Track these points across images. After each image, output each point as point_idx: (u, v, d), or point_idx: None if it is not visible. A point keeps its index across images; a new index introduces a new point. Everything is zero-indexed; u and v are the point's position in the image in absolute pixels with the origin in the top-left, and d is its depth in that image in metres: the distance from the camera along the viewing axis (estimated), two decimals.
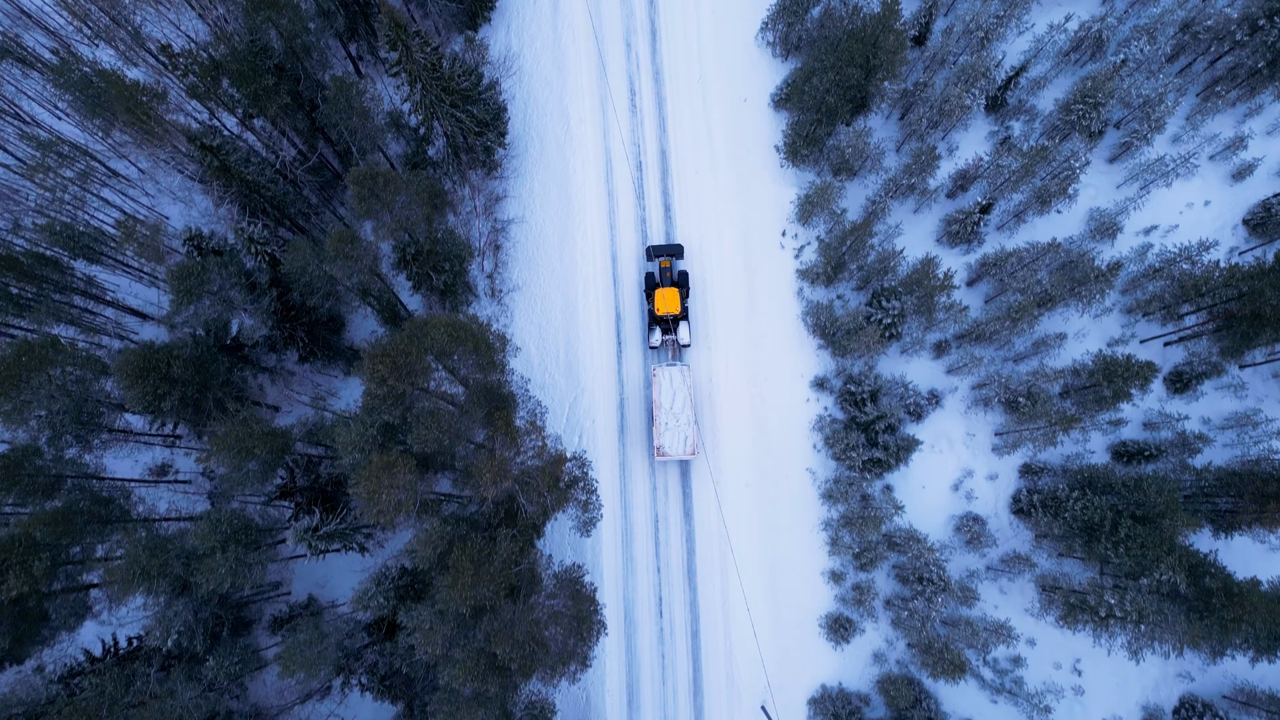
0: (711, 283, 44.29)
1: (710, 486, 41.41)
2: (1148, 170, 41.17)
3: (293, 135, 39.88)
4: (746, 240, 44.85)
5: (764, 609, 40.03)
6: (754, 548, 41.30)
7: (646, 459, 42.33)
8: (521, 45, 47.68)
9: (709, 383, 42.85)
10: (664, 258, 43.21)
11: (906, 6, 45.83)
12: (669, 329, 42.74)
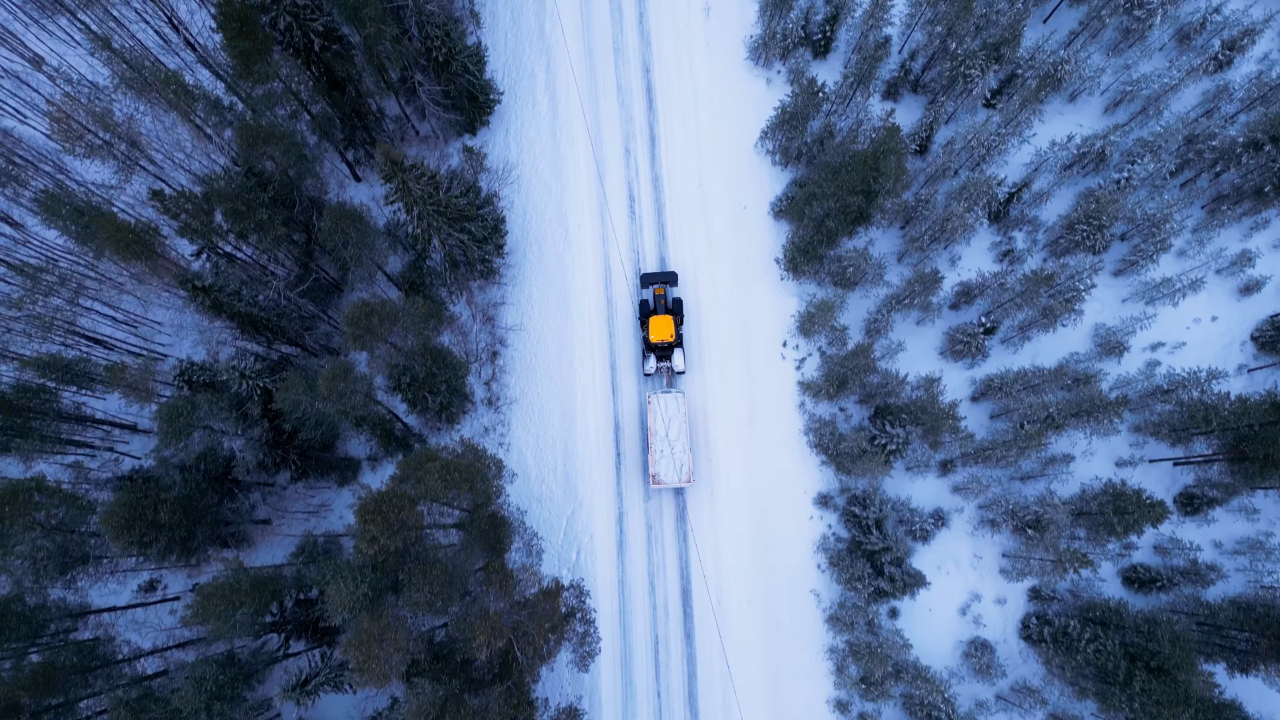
0: (711, 391, 43.61)
1: (711, 603, 40.44)
2: (1155, 290, 40.68)
3: (288, 258, 39.40)
4: (747, 349, 44.22)
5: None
6: (757, 673, 40.20)
7: (646, 579, 41.38)
8: (520, 151, 47.42)
9: (709, 502, 42.01)
10: (658, 285, 43.32)
11: (906, 116, 45.72)
12: (663, 356, 42.74)
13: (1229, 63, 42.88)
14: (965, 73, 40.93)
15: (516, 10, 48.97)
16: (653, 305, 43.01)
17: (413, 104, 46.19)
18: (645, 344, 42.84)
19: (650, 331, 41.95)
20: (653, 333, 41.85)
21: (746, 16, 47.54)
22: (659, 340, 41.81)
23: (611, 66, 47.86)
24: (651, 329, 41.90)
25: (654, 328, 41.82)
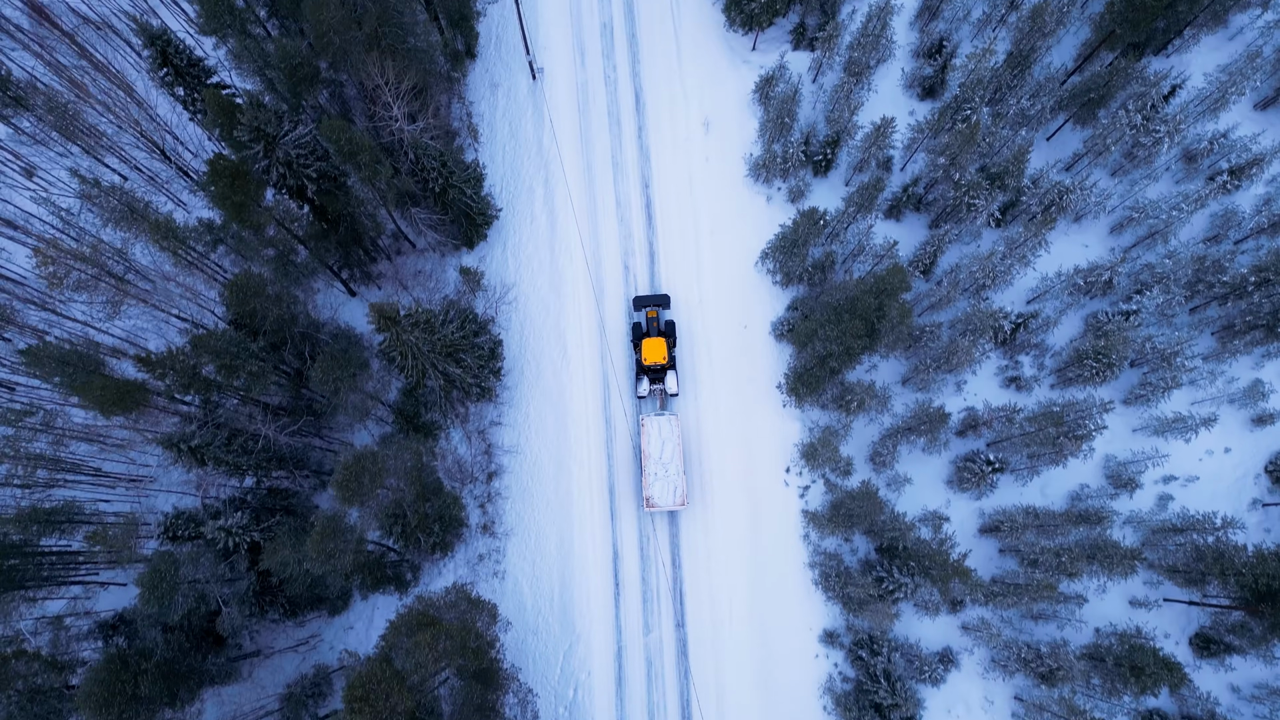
0: (715, 521, 42.49)
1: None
2: (1167, 425, 39.75)
3: (279, 391, 38.52)
4: (749, 474, 43.17)
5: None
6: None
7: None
8: (518, 266, 46.73)
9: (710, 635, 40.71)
10: (650, 308, 43.59)
11: (910, 235, 45.12)
12: (656, 379, 42.99)
13: (1237, 185, 42.31)
14: (970, 201, 40.36)
15: (514, 123, 48.59)
16: (645, 328, 43.43)
17: (408, 219, 45.70)
18: (638, 367, 43.21)
19: (643, 354, 42.31)
20: (646, 355, 42.17)
21: (746, 133, 47.13)
22: (652, 362, 42.14)
23: (610, 181, 47.35)
24: (644, 351, 42.24)
25: (647, 350, 42.20)
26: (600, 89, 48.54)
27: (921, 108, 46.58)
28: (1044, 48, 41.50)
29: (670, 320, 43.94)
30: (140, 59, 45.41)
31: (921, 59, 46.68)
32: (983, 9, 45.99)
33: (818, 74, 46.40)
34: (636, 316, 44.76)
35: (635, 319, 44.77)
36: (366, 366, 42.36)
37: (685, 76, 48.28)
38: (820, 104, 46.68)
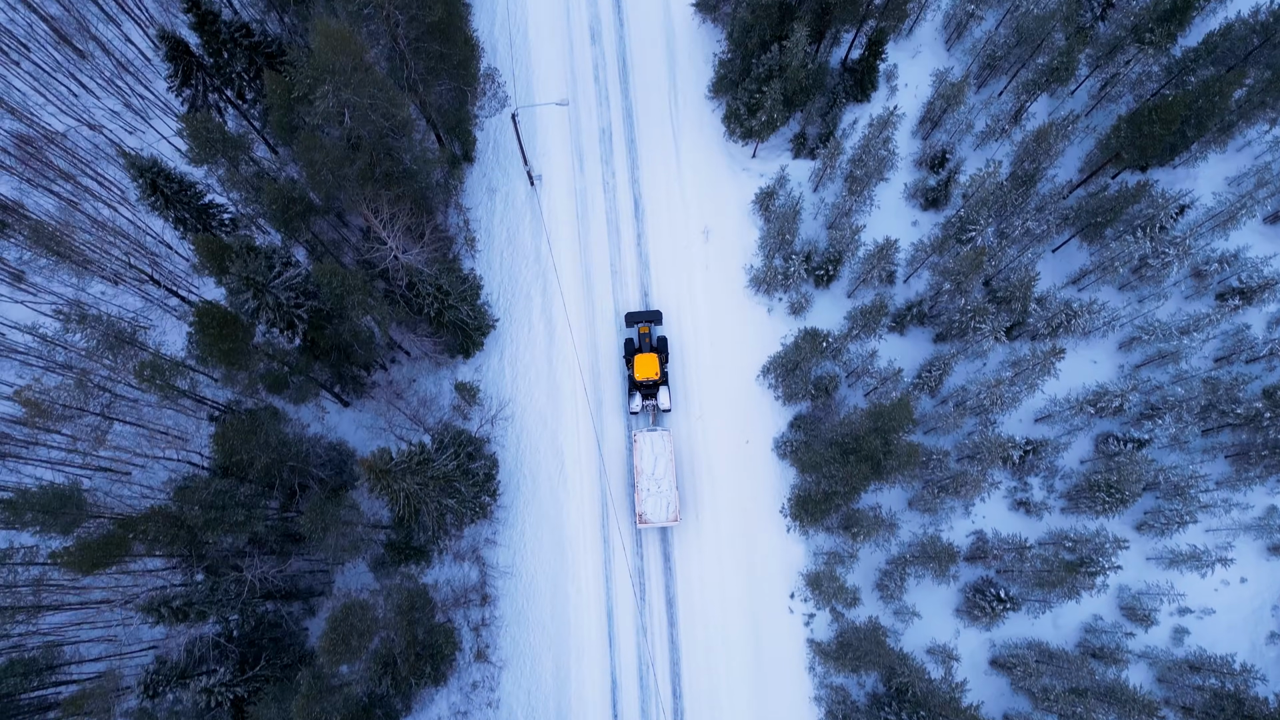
0: (715, 647, 41.19)
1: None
2: (1181, 560, 38.61)
3: (266, 532, 37.37)
4: (752, 598, 41.91)
5: None
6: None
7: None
8: (515, 376, 45.77)
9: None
10: (643, 324, 43.95)
11: (915, 349, 44.25)
12: (649, 394, 43.24)
13: (1250, 302, 41.54)
14: (976, 325, 39.53)
15: (512, 229, 47.88)
16: (638, 344, 43.81)
17: (404, 334, 44.93)
18: (630, 382, 43.49)
19: (635, 370, 42.62)
20: (638, 371, 42.48)
21: (746, 242, 46.41)
22: (644, 378, 42.43)
23: (609, 290, 46.54)
24: (637, 367, 42.53)
25: (639, 366, 42.48)
26: (599, 195, 47.92)
27: (925, 218, 45.93)
28: (1048, 165, 40.89)
29: (662, 336, 44.36)
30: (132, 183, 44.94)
31: (924, 169, 46.11)
32: (985, 121, 45.46)
33: (819, 184, 45.79)
34: (629, 332, 45.08)
35: (628, 335, 45.06)
36: (356, 483, 41.38)
37: (685, 183, 47.68)
38: (822, 214, 46.02)
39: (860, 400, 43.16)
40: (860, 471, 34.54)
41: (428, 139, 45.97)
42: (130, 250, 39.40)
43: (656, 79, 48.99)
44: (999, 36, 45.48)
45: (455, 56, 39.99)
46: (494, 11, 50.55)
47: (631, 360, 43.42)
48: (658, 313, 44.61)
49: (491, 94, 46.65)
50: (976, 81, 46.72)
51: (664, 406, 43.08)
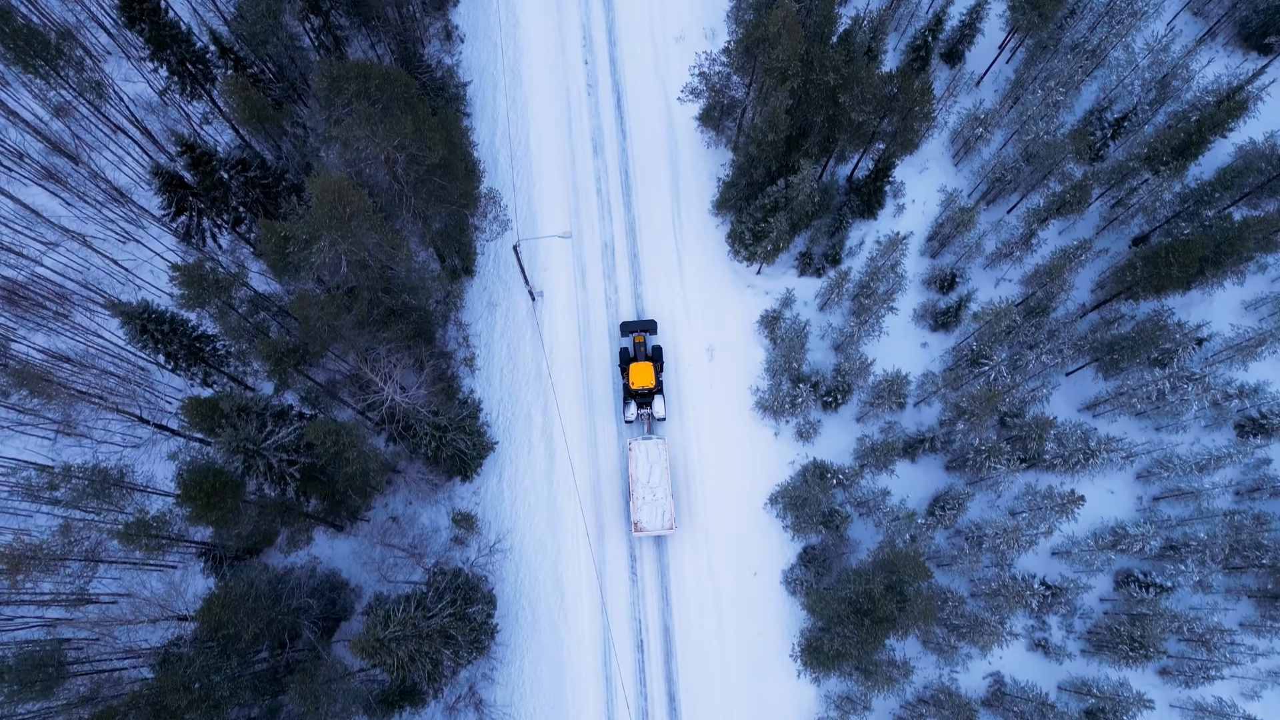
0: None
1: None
2: (1205, 715, 37.00)
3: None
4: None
5: None
6: None
7: None
8: (515, 501, 44.37)
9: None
10: (637, 333, 44.35)
11: (926, 479, 43.01)
12: (644, 403, 43.52)
13: (1271, 436, 40.38)
14: (991, 465, 38.33)
15: (513, 345, 46.84)
16: (633, 353, 44.21)
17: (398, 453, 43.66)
18: (625, 391, 43.91)
19: (631, 378, 42.92)
20: (633, 379, 42.74)
21: (752, 362, 45.31)
22: (640, 386, 42.78)
23: (611, 409, 45.37)
24: (632, 376, 42.81)
25: (634, 374, 42.74)
26: (601, 311, 46.94)
27: (935, 340, 44.94)
28: (1061, 296, 40.00)
29: (657, 345, 44.76)
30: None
31: (934, 289, 45.22)
32: (995, 244, 44.67)
33: (825, 303, 44.85)
34: (624, 342, 45.35)
35: (622, 344, 45.36)
36: (349, 615, 39.82)
37: (689, 299, 46.75)
38: (829, 336, 45.02)
39: (873, 533, 41.81)
40: (875, 634, 33.10)
41: (429, 261, 45.27)
42: (118, 397, 38.29)
43: (659, 192, 48.30)
44: (1007, 156, 44.89)
45: (456, 189, 39.25)
46: (495, 121, 50.00)
47: (626, 369, 43.72)
48: (652, 322, 45.16)
49: (494, 216, 45.87)
50: (986, 200, 45.99)
51: (659, 415, 43.41)
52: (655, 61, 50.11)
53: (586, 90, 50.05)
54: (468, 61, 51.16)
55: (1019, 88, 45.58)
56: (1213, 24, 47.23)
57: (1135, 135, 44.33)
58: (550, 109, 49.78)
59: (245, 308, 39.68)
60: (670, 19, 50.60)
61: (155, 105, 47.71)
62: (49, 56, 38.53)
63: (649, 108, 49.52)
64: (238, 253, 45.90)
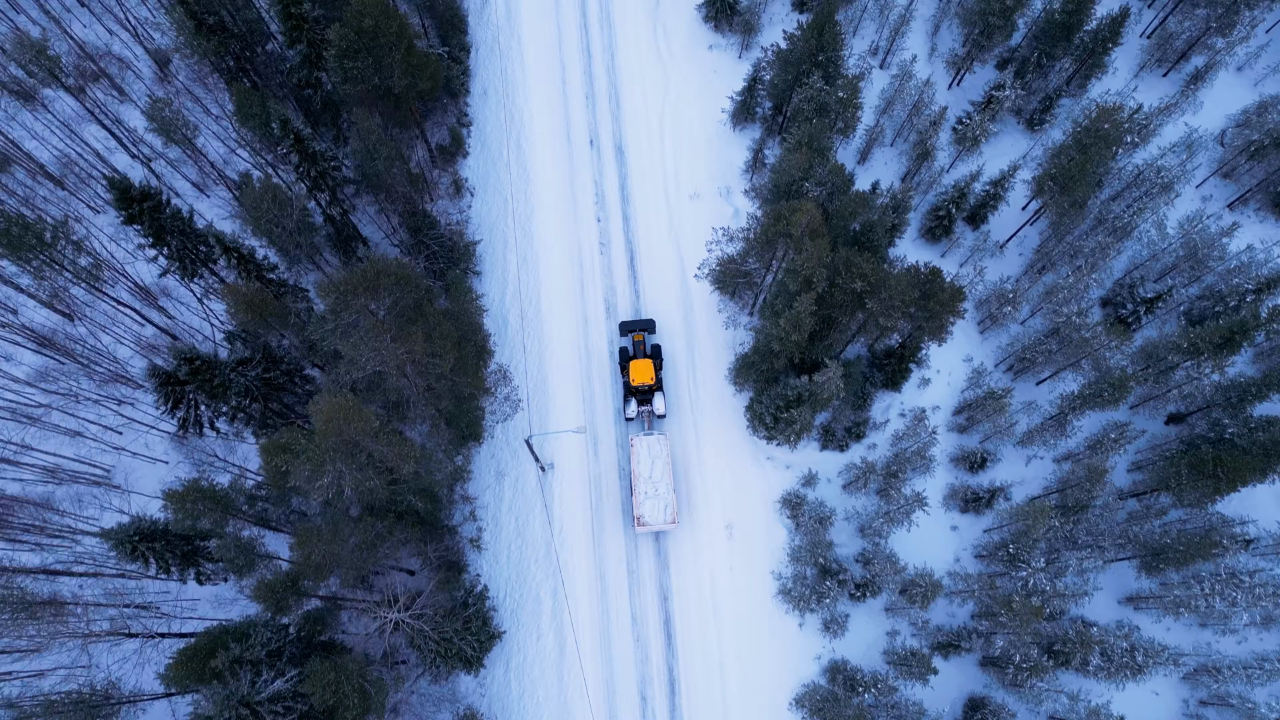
0: None
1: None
2: None
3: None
4: None
5: None
6: None
7: None
8: (522, 693, 41.69)
9: None
10: (636, 331, 45.18)
11: (957, 680, 40.57)
12: (645, 400, 44.14)
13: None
14: (1032, 684, 35.99)
15: (521, 519, 44.71)
16: (633, 351, 44.86)
17: None
18: (626, 389, 44.55)
19: (631, 375, 43.57)
20: (634, 376, 43.43)
21: (773, 544, 43.14)
22: (640, 383, 43.47)
23: (625, 593, 43.02)
24: (632, 373, 43.49)
25: (635, 371, 43.46)
26: (614, 482, 44.94)
27: (965, 521, 42.93)
28: (1098, 497, 38.08)
29: (656, 344, 45.73)
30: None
31: (962, 467, 43.35)
32: (1026, 424, 42.92)
33: (849, 483, 42.91)
34: (623, 341, 46.04)
35: (622, 344, 46.02)
36: None
37: (706, 473, 44.78)
38: (855, 520, 42.99)
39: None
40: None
41: (437, 428, 43.46)
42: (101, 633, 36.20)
43: (673, 358, 46.66)
44: (1035, 327, 43.45)
45: (468, 384, 37.62)
46: (505, 280, 48.63)
47: (626, 367, 44.36)
48: (651, 321, 45.98)
49: (505, 396, 44.21)
50: (1014, 372, 44.41)
51: (659, 412, 44.12)
52: (669, 219, 48.93)
53: (599, 248, 48.77)
54: (478, 216, 50.01)
55: (1043, 257, 44.36)
56: (1245, 191, 46.17)
57: (1169, 307, 42.92)
58: (562, 268, 48.42)
59: (244, 500, 37.80)
60: (684, 176, 49.54)
61: (158, 284, 46.16)
62: (41, 247, 37.24)
63: (663, 267, 48.19)
64: (236, 440, 44.05)
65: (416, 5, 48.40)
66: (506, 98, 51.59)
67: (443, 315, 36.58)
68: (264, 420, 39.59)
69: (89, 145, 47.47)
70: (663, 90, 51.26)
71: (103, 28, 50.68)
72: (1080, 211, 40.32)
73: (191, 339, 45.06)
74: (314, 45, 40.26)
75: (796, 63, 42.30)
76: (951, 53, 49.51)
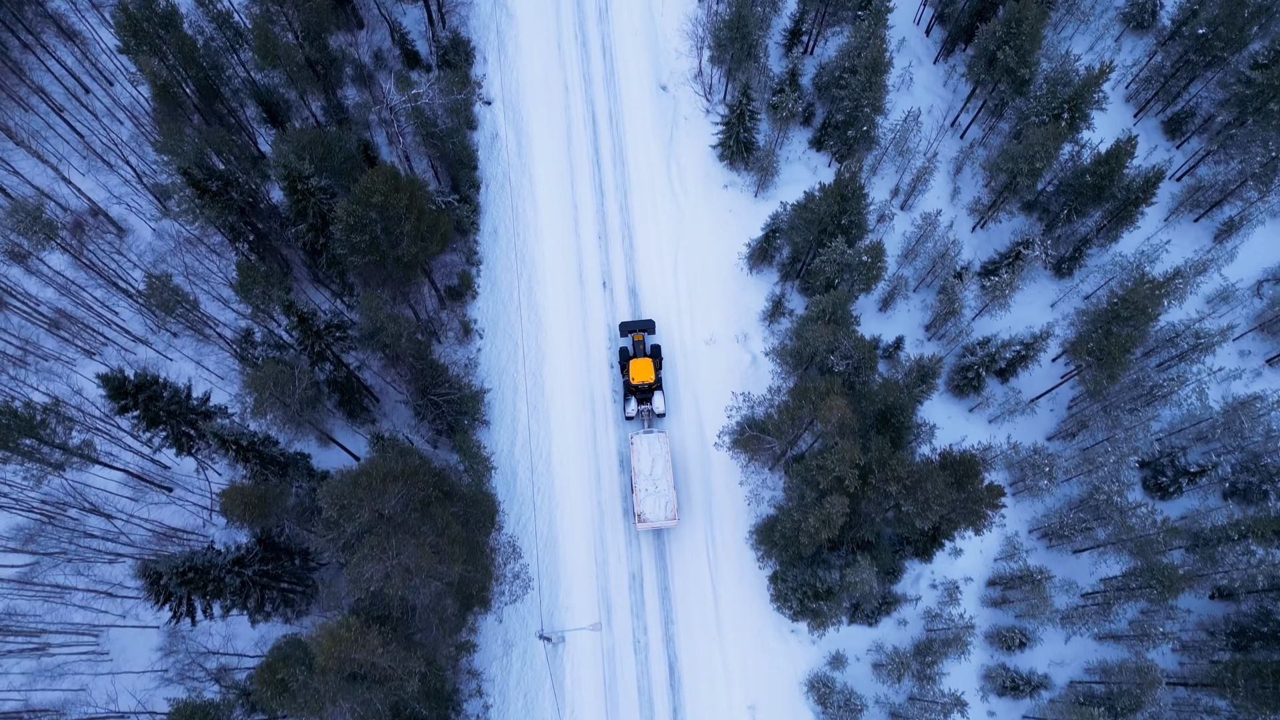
0: None
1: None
2: None
3: None
4: None
5: None
6: None
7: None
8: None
9: None
10: (636, 331, 45.69)
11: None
12: (644, 399, 44.51)
13: None
14: None
15: (530, 696, 42.02)
16: (632, 350, 45.31)
17: None
18: (626, 388, 44.95)
19: (631, 374, 44.03)
20: (634, 375, 43.91)
21: None
22: (640, 382, 43.88)
23: None
24: (633, 371, 43.98)
25: (635, 370, 43.97)
26: (629, 656, 42.47)
27: (1002, 706, 40.46)
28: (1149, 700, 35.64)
29: (656, 344, 46.11)
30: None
31: (997, 645, 40.95)
32: (1065, 602, 40.66)
33: (880, 665, 40.46)
34: (623, 342, 46.48)
35: (622, 344, 46.47)
36: None
37: (726, 645, 42.33)
38: (887, 703, 40.44)
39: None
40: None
41: (440, 603, 41.15)
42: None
43: (691, 517, 44.51)
44: (1070, 490, 41.46)
45: (477, 581, 35.53)
46: (514, 430, 46.66)
47: (626, 366, 44.69)
48: (650, 321, 46.44)
49: (514, 574, 42.09)
50: (1050, 542, 42.28)
51: (659, 410, 44.61)
52: (685, 366, 47.17)
53: (612, 395, 46.97)
54: (487, 360, 48.29)
55: (1077, 421, 42.52)
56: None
57: (1211, 480, 40.96)
58: (575, 417, 46.45)
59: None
60: (700, 320, 47.92)
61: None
62: (29, 432, 35.48)
63: (679, 418, 46.31)
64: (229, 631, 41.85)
65: (425, 150, 47.32)
66: (517, 236, 50.29)
67: (452, 517, 34.57)
68: (260, 605, 37.47)
69: (87, 291, 46.09)
70: (677, 230, 49.92)
71: (103, 176, 49.61)
72: (1113, 382, 38.51)
73: (185, 512, 43.06)
74: (320, 216, 38.90)
75: (818, 223, 40.94)
76: (975, 200, 48.25)
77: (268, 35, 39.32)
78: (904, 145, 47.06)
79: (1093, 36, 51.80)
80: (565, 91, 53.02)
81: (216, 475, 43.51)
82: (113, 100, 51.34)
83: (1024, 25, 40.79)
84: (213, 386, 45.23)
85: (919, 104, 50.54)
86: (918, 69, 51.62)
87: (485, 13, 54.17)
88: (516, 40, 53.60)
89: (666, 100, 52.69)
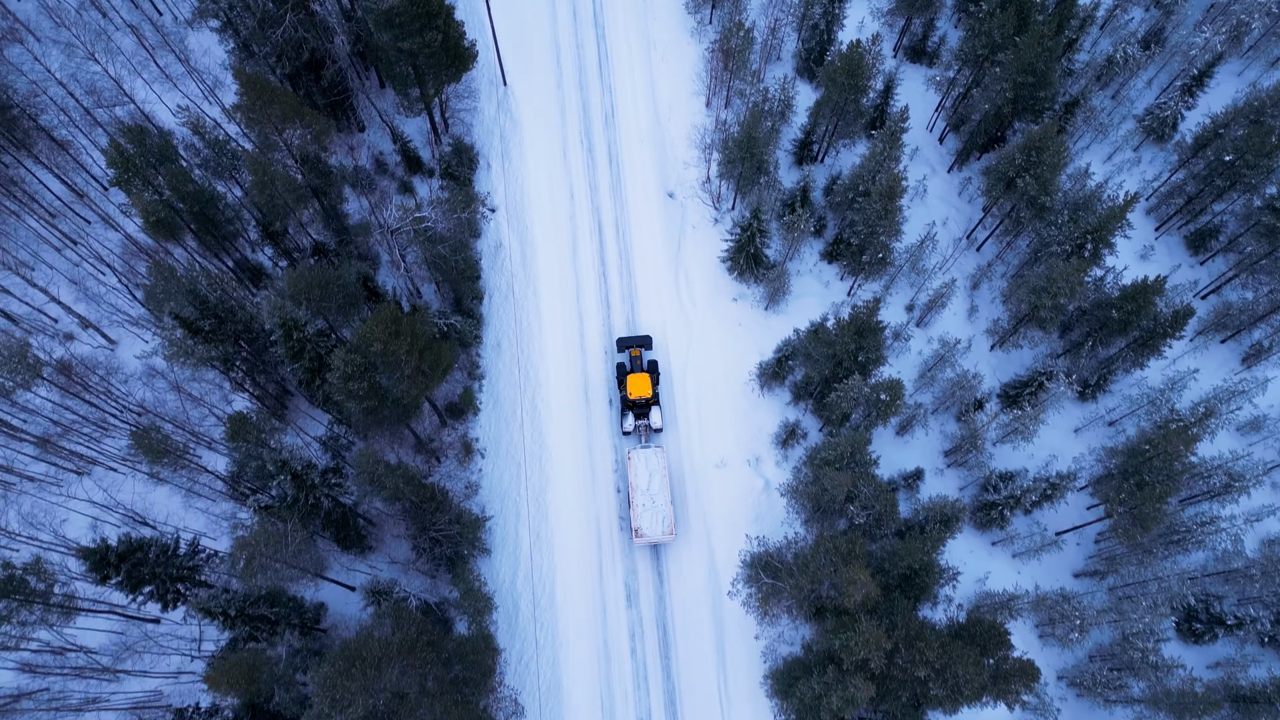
0: None
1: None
2: None
3: None
4: None
5: None
6: None
7: None
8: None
9: None
10: (634, 347, 45.73)
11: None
12: (641, 414, 44.58)
13: None
14: None
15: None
16: (629, 366, 45.36)
17: None
18: (623, 403, 44.96)
19: (629, 389, 44.02)
20: (631, 390, 43.93)
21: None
22: (637, 396, 43.84)
23: None
24: (630, 386, 43.99)
25: (632, 385, 44.01)
26: None
27: None
28: None
29: (653, 360, 45.82)
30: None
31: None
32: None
33: None
34: (620, 357, 46.59)
35: (619, 359, 46.58)
36: None
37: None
38: None
39: None
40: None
41: None
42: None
43: (701, 658, 42.41)
44: (1100, 637, 39.47)
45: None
46: (516, 559, 44.69)
47: (624, 381, 44.65)
48: (648, 337, 46.52)
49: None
50: (1079, 688, 40.16)
51: (656, 425, 44.59)
52: (695, 491, 45.30)
53: (619, 523, 45.07)
54: (488, 482, 46.49)
55: (1108, 562, 40.64)
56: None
57: (1247, 630, 38.98)
58: (580, 549, 44.47)
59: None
60: (710, 442, 46.16)
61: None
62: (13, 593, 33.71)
63: (687, 558, 44.22)
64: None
65: (429, 272, 45.97)
66: (521, 352, 48.73)
67: (450, 684, 32.62)
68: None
69: (74, 412, 44.53)
70: (685, 345, 48.36)
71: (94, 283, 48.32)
72: (1147, 533, 36.74)
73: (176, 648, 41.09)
74: (317, 358, 37.39)
75: (833, 358, 39.43)
76: (994, 322, 46.79)
77: (265, 170, 38.08)
78: (919, 264, 45.70)
79: (1110, 147, 50.70)
80: (570, 199, 51.80)
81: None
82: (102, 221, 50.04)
83: (1044, 155, 39.63)
84: (203, 515, 43.61)
85: (934, 215, 49.46)
86: (932, 178, 50.45)
87: (489, 118, 53.11)
88: (521, 146, 52.51)
89: (674, 208, 51.45)
